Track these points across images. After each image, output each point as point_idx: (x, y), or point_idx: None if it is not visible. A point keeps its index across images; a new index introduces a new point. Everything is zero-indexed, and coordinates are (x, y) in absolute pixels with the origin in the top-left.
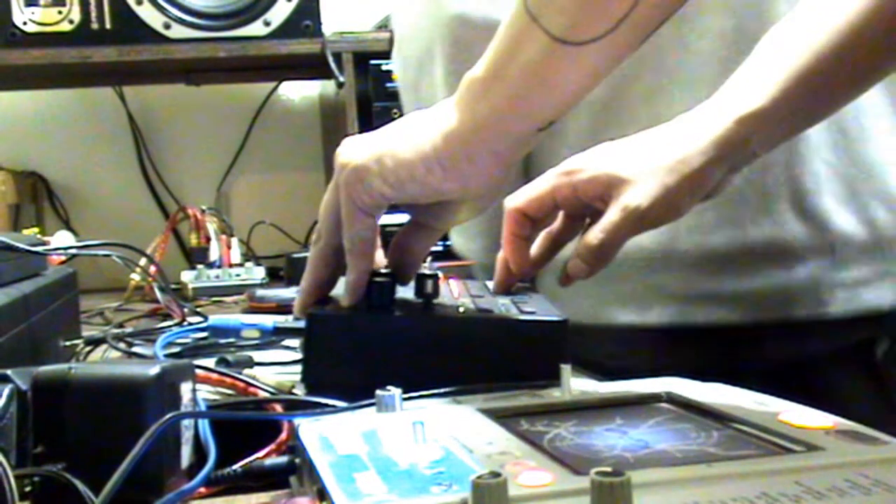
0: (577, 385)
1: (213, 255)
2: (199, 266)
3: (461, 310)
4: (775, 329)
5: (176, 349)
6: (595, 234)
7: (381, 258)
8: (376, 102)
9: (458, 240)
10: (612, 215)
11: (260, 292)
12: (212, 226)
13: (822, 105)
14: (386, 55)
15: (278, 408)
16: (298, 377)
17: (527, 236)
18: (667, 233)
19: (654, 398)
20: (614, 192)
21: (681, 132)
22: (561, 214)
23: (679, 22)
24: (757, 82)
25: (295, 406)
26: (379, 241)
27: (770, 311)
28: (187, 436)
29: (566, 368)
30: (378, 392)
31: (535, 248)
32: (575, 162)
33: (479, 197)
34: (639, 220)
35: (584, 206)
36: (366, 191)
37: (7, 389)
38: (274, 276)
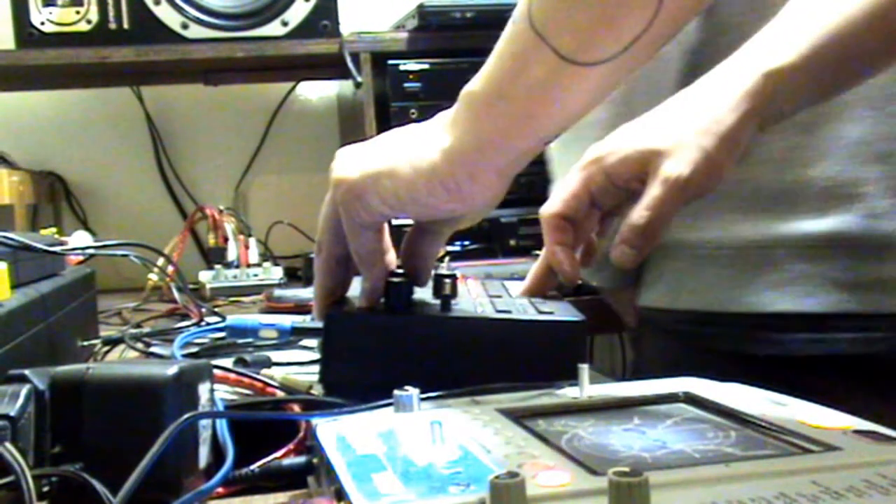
0: (595, 386)
1: (231, 255)
2: (217, 266)
3: (479, 310)
4: None
5: (194, 349)
6: (640, 214)
7: (394, 257)
8: (394, 103)
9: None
10: (654, 190)
11: (278, 292)
12: (229, 226)
13: (852, 69)
14: (404, 55)
15: (296, 408)
16: (316, 377)
17: (571, 243)
18: (836, 218)
19: (672, 398)
20: (651, 167)
21: (708, 91)
22: (595, 217)
23: None
24: (787, 39)
25: (312, 406)
26: (390, 244)
27: None
28: (205, 436)
29: (584, 368)
30: (396, 392)
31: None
32: (600, 148)
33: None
34: (683, 191)
35: (620, 192)
36: (364, 209)
37: (25, 389)
38: (292, 276)
